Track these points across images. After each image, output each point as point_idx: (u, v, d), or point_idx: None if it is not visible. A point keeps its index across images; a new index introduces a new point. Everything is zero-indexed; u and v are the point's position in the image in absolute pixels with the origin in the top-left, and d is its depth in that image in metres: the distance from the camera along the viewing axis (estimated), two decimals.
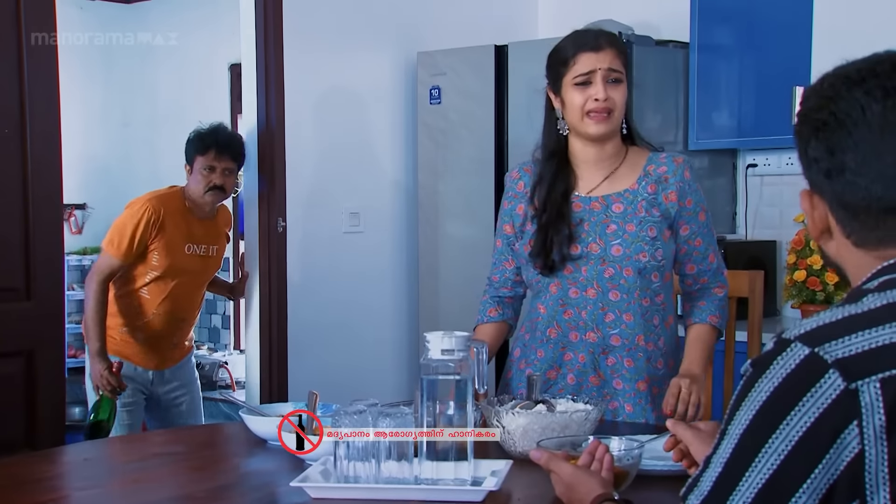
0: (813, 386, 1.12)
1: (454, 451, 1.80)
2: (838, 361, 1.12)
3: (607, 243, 2.38)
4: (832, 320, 1.17)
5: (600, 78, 2.34)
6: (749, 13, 3.91)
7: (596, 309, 2.39)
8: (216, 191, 3.71)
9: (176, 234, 3.68)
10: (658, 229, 2.38)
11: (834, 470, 1.12)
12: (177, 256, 3.69)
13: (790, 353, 1.15)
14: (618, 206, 2.40)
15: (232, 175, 3.77)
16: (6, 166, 3.11)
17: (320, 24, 4.09)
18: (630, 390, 2.40)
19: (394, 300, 4.40)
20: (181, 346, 3.87)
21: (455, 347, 1.82)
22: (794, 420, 1.13)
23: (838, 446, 1.11)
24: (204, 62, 6.88)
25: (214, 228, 3.84)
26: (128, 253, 3.62)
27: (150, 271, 3.68)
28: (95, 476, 2.12)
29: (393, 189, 4.39)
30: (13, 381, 3.15)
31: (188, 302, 3.81)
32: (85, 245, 7.12)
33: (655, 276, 2.40)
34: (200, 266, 3.80)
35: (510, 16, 4.70)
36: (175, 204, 3.72)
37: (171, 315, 3.74)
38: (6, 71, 3.10)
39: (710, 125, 4.03)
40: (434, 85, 4.27)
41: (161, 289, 3.70)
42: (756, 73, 3.92)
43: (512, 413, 2.04)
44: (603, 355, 2.40)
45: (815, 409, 1.12)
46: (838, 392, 1.11)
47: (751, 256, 3.95)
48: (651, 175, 2.41)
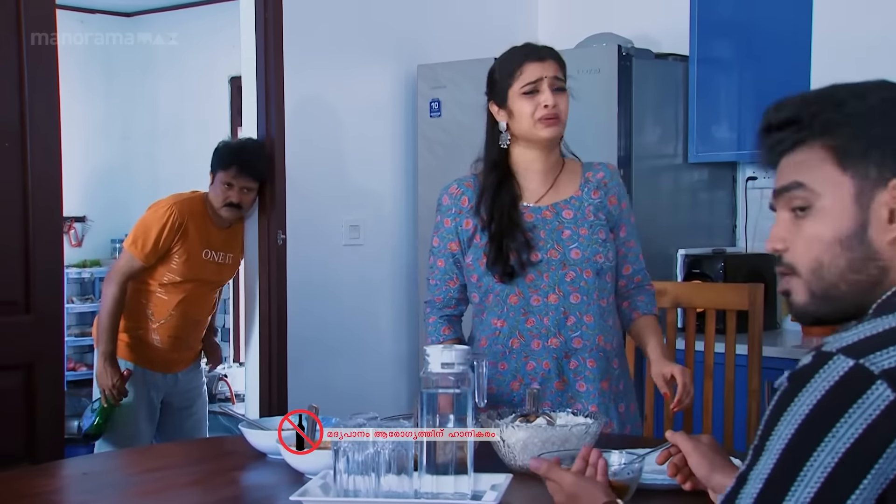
0: (860, 397, 1.11)
1: (454, 465, 1.80)
2: (885, 372, 1.11)
3: (565, 248, 2.46)
4: (875, 332, 1.16)
5: (547, 85, 2.43)
6: (748, 26, 3.92)
7: (558, 314, 2.45)
8: (232, 207, 3.75)
9: (196, 240, 3.73)
10: (605, 232, 2.50)
11: (883, 480, 1.11)
12: (195, 262, 3.74)
13: (833, 366, 1.13)
14: (568, 213, 2.50)
15: (251, 193, 3.80)
16: (6, 178, 3.12)
17: (320, 37, 4.09)
18: (594, 391, 2.46)
19: (394, 313, 4.39)
20: (193, 348, 3.92)
21: (455, 361, 1.83)
22: (841, 432, 1.11)
23: (888, 456, 1.10)
24: (204, 75, 6.89)
25: (232, 237, 3.89)
26: (151, 255, 3.67)
27: (168, 274, 3.72)
28: (95, 490, 2.12)
29: (393, 202, 4.38)
30: (12, 395, 3.14)
31: (202, 304, 3.86)
32: (85, 258, 7.11)
33: (609, 276, 2.50)
34: (216, 273, 3.85)
35: (510, 29, 4.70)
36: (198, 209, 3.77)
37: (186, 317, 3.78)
38: (7, 85, 3.11)
39: (709, 138, 4.03)
40: (434, 98, 4.27)
41: (177, 292, 3.75)
42: (756, 86, 3.92)
43: (512, 427, 2.04)
44: (566, 359, 2.46)
45: (863, 420, 1.10)
46: (887, 403, 1.10)
47: (750, 269, 3.93)
48: (591, 181, 2.53)
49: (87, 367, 6.79)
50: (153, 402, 3.82)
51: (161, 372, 3.82)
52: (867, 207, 1.25)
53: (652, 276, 2.65)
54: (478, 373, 2.15)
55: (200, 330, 3.92)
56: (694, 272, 3.91)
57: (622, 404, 2.51)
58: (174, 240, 3.68)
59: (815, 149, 1.28)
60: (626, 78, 3.86)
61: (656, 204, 4.04)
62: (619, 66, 3.83)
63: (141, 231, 3.68)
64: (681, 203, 4.16)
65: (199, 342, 3.95)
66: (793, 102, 1.31)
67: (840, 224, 1.27)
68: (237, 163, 3.73)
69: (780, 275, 1.33)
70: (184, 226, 3.68)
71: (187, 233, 3.70)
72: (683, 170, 4.15)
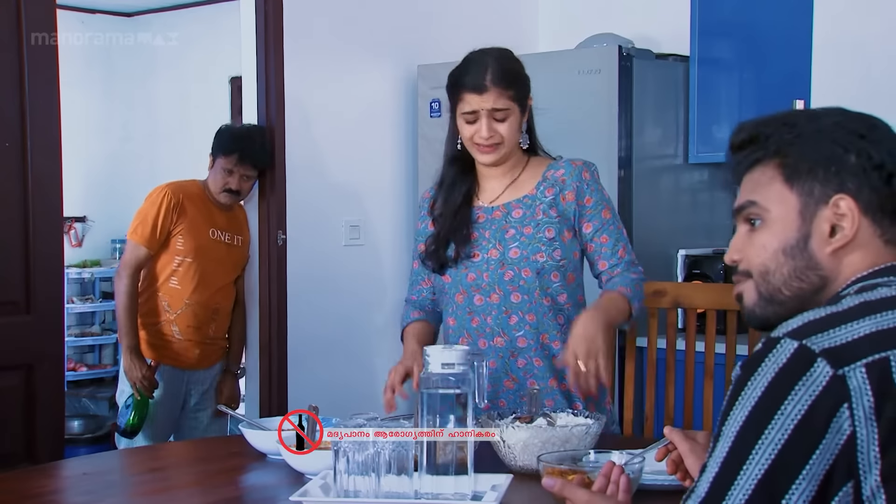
0: (803, 375, 1.19)
1: (454, 466, 1.80)
2: (825, 351, 1.20)
3: (505, 247, 2.45)
4: (816, 318, 1.25)
5: (484, 117, 2.40)
6: (749, 27, 3.91)
7: (500, 313, 2.45)
8: (230, 194, 3.76)
9: (198, 218, 3.71)
10: (556, 230, 2.44)
11: (830, 454, 1.17)
12: (201, 239, 3.71)
13: (780, 349, 1.22)
14: (517, 212, 2.48)
15: (250, 181, 3.81)
16: (7, 178, 3.12)
17: (321, 37, 4.09)
18: (545, 387, 2.44)
19: (394, 313, 4.36)
20: (218, 343, 3.86)
21: (455, 361, 1.83)
22: (788, 409, 1.19)
23: (832, 430, 1.17)
24: (204, 75, 6.89)
25: (236, 220, 3.87)
26: (151, 238, 3.65)
27: (175, 257, 3.69)
28: (95, 490, 2.12)
29: (393, 202, 4.38)
30: (12, 395, 3.14)
31: (219, 290, 3.79)
32: (85, 258, 7.12)
33: (556, 275, 2.45)
34: (226, 254, 3.81)
35: (511, 29, 4.70)
36: (194, 191, 3.76)
37: (203, 305, 3.73)
38: (7, 85, 3.11)
39: (710, 139, 4.02)
40: (434, 98, 4.26)
41: (190, 276, 3.70)
42: (756, 87, 3.92)
43: (512, 427, 2.04)
44: (513, 358, 2.46)
45: (808, 396, 1.18)
46: (827, 378, 1.18)
47: None
48: (549, 179, 2.48)
49: (88, 368, 6.81)
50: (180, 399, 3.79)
51: (185, 368, 3.76)
52: (810, 221, 1.37)
53: (652, 277, 2.64)
54: (478, 373, 2.14)
55: (222, 322, 3.84)
56: (694, 272, 3.90)
57: (579, 403, 2.43)
58: (174, 220, 3.66)
59: (769, 167, 1.40)
60: (627, 78, 3.86)
61: (657, 204, 4.03)
62: (619, 67, 3.83)
63: (139, 218, 3.69)
64: (681, 203, 4.16)
65: (223, 337, 3.88)
66: (752, 124, 1.44)
67: (785, 235, 1.38)
68: (239, 150, 3.73)
69: (735, 281, 1.46)
70: (180, 205, 3.67)
71: (186, 212, 3.68)
72: (684, 170, 4.14)
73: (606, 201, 2.49)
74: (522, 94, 2.46)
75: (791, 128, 1.39)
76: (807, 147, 1.38)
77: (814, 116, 1.40)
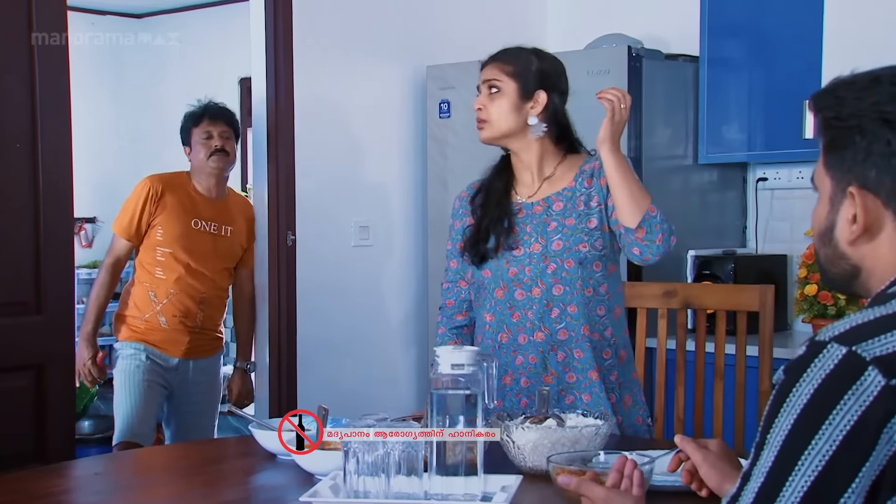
0: (853, 384, 1.13)
1: (464, 466, 1.79)
2: (877, 359, 1.14)
3: (548, 240, 2.47)
4: (865, 321, 1.19)
5: (482, 90, 2.52)
6: (759, 26, 3.90)
7: (542, 307, 2.46)
8: (219, 154, 3.77)
9: (178, 209, 3.72)
10: (598, 220, 2.46)
11: (878, 465, 1.12)
12: (182, 230, 3.71)
13: (827, 354, 1.16)
14: (558, 204, 2.50)
15: (231, 139, 3.83)
16: (18, 179, 3.11)
17: (330, 38, 4.09)
18: (584, 380, 2.45)
19: (403, 314, 4.39)
20: (209, 334, 3.83)
21: (465, 362, 1.83)
22: (837, 419, 1.13)
23: (882, 442, 1.12)
24: (213, 76, 6.90)
25: (225, 210, 3.85)
26: (129, 229, 3.69)
27: (157, 248, 3.71)
28: (105, 491, 2.12)
29: (402, 203, 4.38)
30: (23, 395, 3.13)
31: (206, 281, 3.78)
32: (95, 259, 7.13)
33: (597, 265, 2.47)
34: (211, 245, 3.78)
35: (520, 29, 4.69)
36: (178, 181, 3.79)
37: (188, 294, 3.72)
38: (18, 86, 3.11)
39: (719, 139, 4.01)
40: (443, 99, 4.26)
41: (173, 267, 3.71)
42: (766, 87, 3.90)
43: (522, 428, 2.03)
44: (552, 352, 2.46)
45: (858, 406, 1.12)
46: (879, 388, 1.12)
47: (761, 271, 3.93)
48: (586, 171, 2.51)
49: None
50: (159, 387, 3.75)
51: (173, 356, 3.74)
52: (836, 209, 1.31)
53: (662, 278, 2.64)
54: (488, 374, 2.13)
55: (212, 312, 3.81)
56: (704, 273, 3.89)
57: (614, 395, 2.48)
58: (153, 212, 3.69)
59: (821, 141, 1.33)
60: (636, 79, 3.85)
61: (666, 205, 3.95)
62: (628, 67, 3.82)
63: (121, 210, 3.74)
64: (691, 204, 4.15)
65: (216, 328, 3.86)
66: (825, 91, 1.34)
67: (819, 221, 1.34)
68: (206, 113, 3.80)
69: None
70: (160, 195, 3.70)
71: (166, 203, 3.70)
72: (693, 171, 4.13)
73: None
74: (524, 78, 2.50)
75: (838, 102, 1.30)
76: (839, 130, 1.29)
77: (864, 88, 1.30)
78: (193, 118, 3.82)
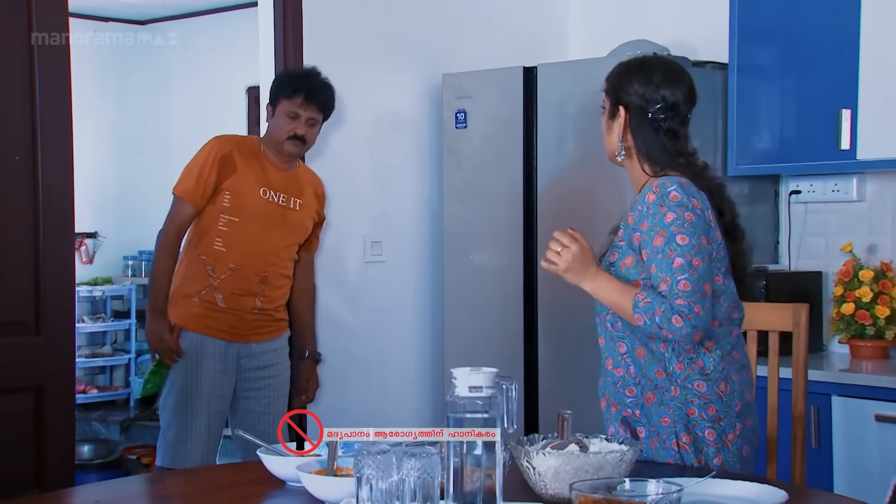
0: None
1: (482, 494, 1.76)
2: None
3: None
4: None
5: None
6: (792, 32, 3.80)
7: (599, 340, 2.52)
8: (296, 141, 3.49)
9: (249, 174, 3.45)
10: (619, 255, 2.37)
11: None
12: (251, 198, 3.44)
13: None
14: (621, 231, 2.43)
15: (315, 126, 3.54)
16: (17, 193, 3.05)
17: (342, 45, 4.02)
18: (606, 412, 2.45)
19: (418, 333, 4.31)
20: (269, 315, 3.54)
21: (483, 384, 1.81)
22: None
23: None
24: (220, 85, 6.84)
25: (295, 181, 3.58)
26: (195, 192, 3.41)
27: (221, 216, 3.43)
28: None
29: (417, 217, 4.31)
30: (22, 418, 3.07)
31: (269, 256, 3.49)
32: (96, 275, 7.03)
33: None
34: (279, 216, 3.51)
35: (539, 36, 4.62)
36: (248, 145, 3.53)
37: (250, 270, 3.44)
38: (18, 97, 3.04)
39: (750, 150, 3.90)
40: (460, 108, 4.18)
41: (236, 237, 3.43)
42: (799, 96, 3.80)
43: (543, 453, 1.99)
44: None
45: None
46: None
47: (795, 288, 3.84)
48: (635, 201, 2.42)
49: (99, 390, 6.72)
50: (221, 375, 3.48)
51: (232, 340, 3.47)
52: None
53: None
54: (507, 396, 2.08)
55: (274, 292, 3.52)
56: None
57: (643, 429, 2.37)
58: (220, 173, 3.41)
59: None
60: None
61: None
62: None
63: (185, 171, 3.45)
64: None
65: (277, 309, 3.57)
66: None
67: None
68: (304, 90, 3.47)
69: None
70: (229, 158, 3.42)
71: (235, 166, 3.43)
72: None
73: (663, 227, 2.28)
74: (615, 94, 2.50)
75: None
76: None
77: None
78: (289, 88, 3.48)
